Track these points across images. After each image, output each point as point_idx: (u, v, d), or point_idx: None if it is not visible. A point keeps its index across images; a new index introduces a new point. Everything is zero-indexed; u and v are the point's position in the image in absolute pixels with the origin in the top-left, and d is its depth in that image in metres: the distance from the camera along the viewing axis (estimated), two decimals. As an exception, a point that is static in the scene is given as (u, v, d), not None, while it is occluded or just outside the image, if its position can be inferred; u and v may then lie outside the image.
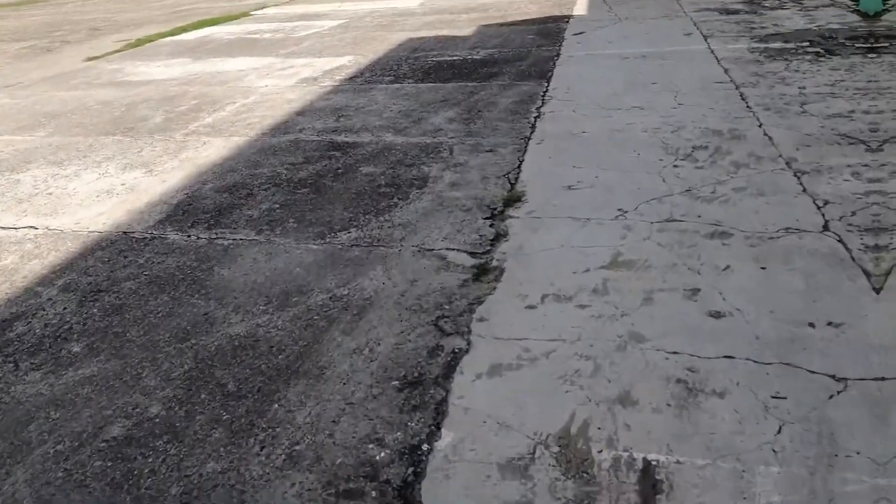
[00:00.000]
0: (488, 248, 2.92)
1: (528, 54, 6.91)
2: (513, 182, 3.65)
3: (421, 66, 6.77)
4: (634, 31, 7.56)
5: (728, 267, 2.66)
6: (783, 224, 2.98)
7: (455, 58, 7.03)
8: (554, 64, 6.36)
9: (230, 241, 3.13)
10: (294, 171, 4.00)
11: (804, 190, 3.28)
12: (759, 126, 4.01)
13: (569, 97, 5.16)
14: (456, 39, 8.14)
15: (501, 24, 8.96)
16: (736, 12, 8.18)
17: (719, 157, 3.65)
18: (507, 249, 2.90)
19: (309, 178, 3.88)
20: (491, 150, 4.19)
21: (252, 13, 12.52)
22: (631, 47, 6.74)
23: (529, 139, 4.30)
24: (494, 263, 2.79)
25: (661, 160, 3.69)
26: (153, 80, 6.97)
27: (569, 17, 9.10)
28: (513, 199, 3.43)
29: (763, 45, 6.15)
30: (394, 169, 3.97)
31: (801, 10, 7.80)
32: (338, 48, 8.11)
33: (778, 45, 6.08)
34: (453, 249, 2.92)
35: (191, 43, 9.29)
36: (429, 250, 2.92)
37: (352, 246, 3.01)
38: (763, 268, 2.65)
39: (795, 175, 3.38)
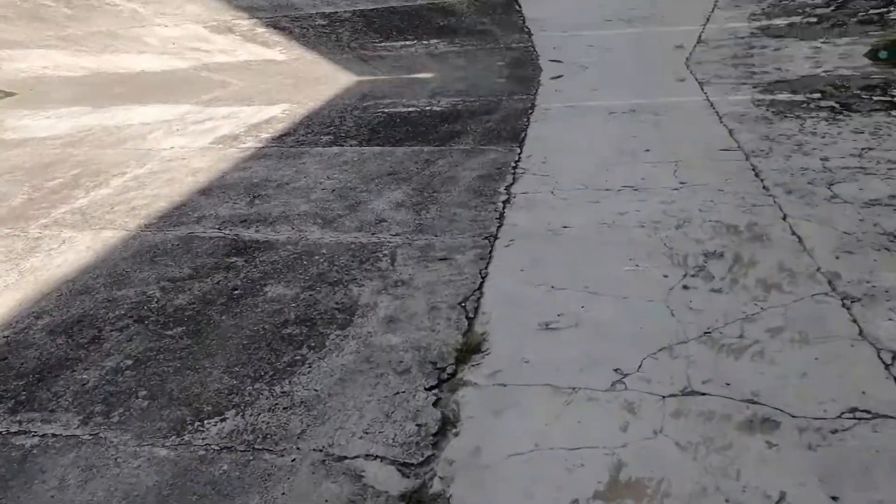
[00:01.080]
0: (428, 453, 2.19)
1: (497, 105, 6.35)
2: (471, 316, 2.96)
3: (369, 119, 6.16)
4: (619, 75, 7.08)
5: (782, 499, 1.98)
6: (846, 400, 2.34)
7: (411, 109, 6.44)
8: (528, 120, 5.79)
9: (35, 441, 2.34)
10: (171, 294, 3.25)
11: (860, 332, 2.66)
12: (784, 219, 3.52)
13: (546, 170, 4.56)
14: (414, 83, 7.59)
15: (466, 67, 8.48)
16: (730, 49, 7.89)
17: (741, 271, 3.07)
18: (455, 456, 2.18)
19: (190, 306, 3.13)
20: (445, 258, 3.51)
21: (182, 40, 11.90)
22: (618, 97, 6.23)
23: (496, 238, 3.65)
24: (435, 488, 2.06)
25: (665, 276, 3.08)
26: (32, 137, 6.20)
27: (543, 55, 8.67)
28: (470, 350, 2.73)
29: (769, 97, 5.70)
30: (312, 290, 3.25)
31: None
32: (271, 93, 7.47)
33: (785, 96, 5.69)
34: (376, 457, 2.18)
35: (98, 79, 8.57)
36: (339, 459, 2.18)
37: (222, 451, 2.24)
38: (835, 498, 1.98)
39: (844, 304, 2.79)
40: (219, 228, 3.97)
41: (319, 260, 3.56)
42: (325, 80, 7.94)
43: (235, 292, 3.24)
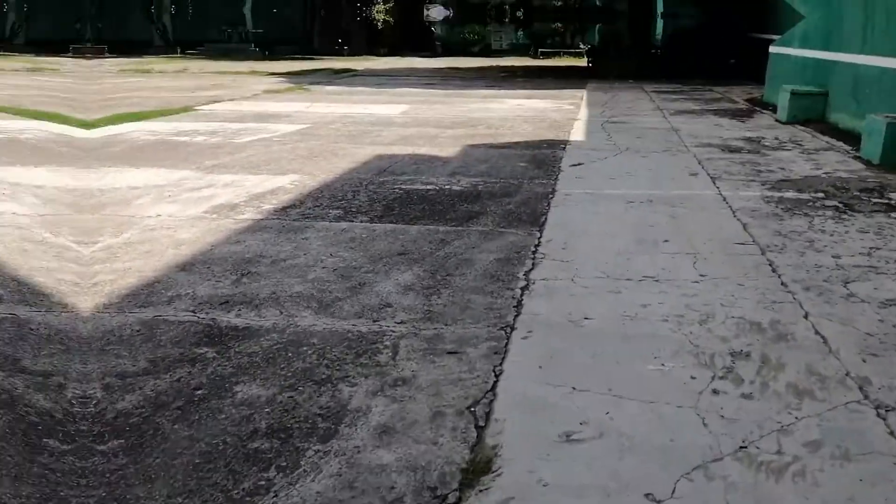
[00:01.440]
0: None
1: (518, 188, 6.07)
2: (481, 425, 2.47)
3: (384, 195, 5.79)
4: (637, 167, 7.13)
5: None
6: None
7: (429, 187, 6.08)
8: (549, 204, 5.56)
9: None
10: (116, 394, 2.69)
11: (901, 446, 2.27)
12: (805, 317, 3.45)
13: (567, 256, 4.30)
14: (435, 161, 7.31)
15: (490, 146, 8.27)
16: (738, 150, 8.08)
17: (769, 374, 2.89)
18: None
19: (136, 410, 2.56)
20: (455, 352, 3.01)
21: (198, 108, 11.98)
22: (636, 187, 6.20)
23: (513, 329, 3.26)
24: None
25: (693, 378, 2.83)
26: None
27: (566, 142, 8.57)
28: (478, 469, 2.22)
29: (777, 194, 5.92)
30: (293, 391, 2.69)
31: (802, 153, 7.89)
32: (282, 163, 7.20)
33: (792, 194, 5.96)
34: None
35: (88, 143, 8.40)
36: None
37: None
38: None
39: (879, 414, 2.61)
40: (193, 311, 3.46)
41: (307, 352, 3.02)
42: (340, 154, 7.70)
43: (197, 393, 2.68)
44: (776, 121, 10.39)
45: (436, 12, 31.64)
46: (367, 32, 33.07)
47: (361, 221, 5.02)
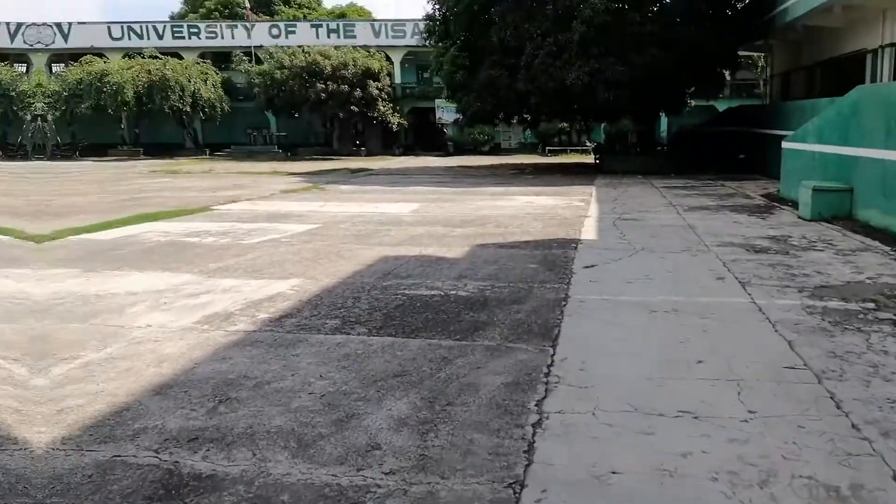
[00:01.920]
0: None
1: (528, 294, 5.50)
2: None
3: (386, 302, 5.30)
4: (656, 269, 6.44)
5: None
6: None
7: (434, 292, 5.59)
8: (562, 313, 4.93)
9: None
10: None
11: None
12: (894, 477, 2.66)
13: (585, 380, 3.64)
14: (442, 263, 6.87)
15: (500, 245, 7.83)
16: (765, 251, 7.31)
17: None
18: None
19: None
20: None
21: (214, 208, 11.83)
22: (656, 293, 5.51)
23: (523, 486, 2.60)
24: None
25: None
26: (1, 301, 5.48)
27: (577, 241, 8.06)
28: None
29: (820, 304, 5.09)
30: (251, 576, 2.08)
31: (837, 254, 7.08)
32: (286, 266, 6.80)
33: (837, 303, 5.11)
34: None
35: (100, 245, 8.12)
36: None
37: None
38: None
39: None
40: (156, 451, 2.90)
41: (275, 517, 2.42)
42: (346, 255, 7.31)
43: (132, 575, 2.09)
44: (799, 218, 9.71)
45: (447, 115, 32.46)
46: (383, 134, 33.90)
47: (359, 334, 4.50)
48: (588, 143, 31.41)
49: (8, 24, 35.83)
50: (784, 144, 12.54)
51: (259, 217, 10.61)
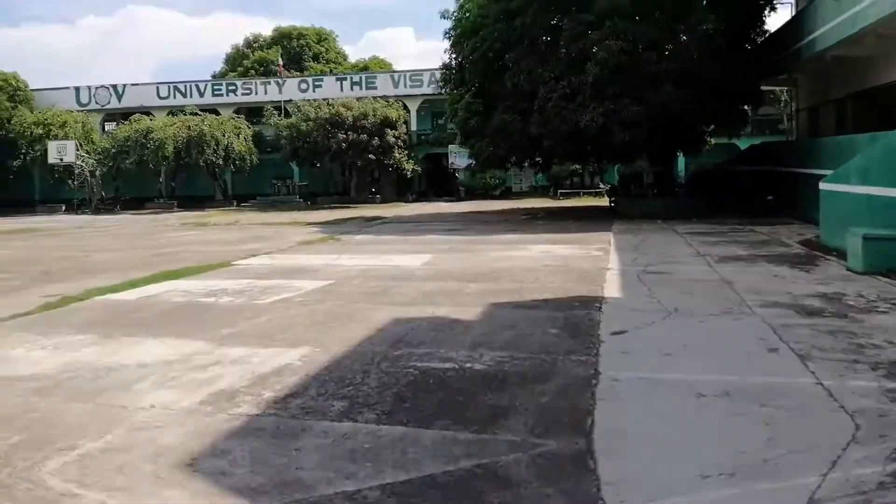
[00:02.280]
0: None
1: (552, 368, 4.88)
2: None
3: (397, 378, 4.79)
4: (694, 336, 5.65)
5: None
6: None
7: (448, 365, 5.07)
8: (593, 396, 4.22)
9: None
10: None
11: None
12: None
13: (636, 500, 2.90)
14: (455, 326, 6.36)
15: (517, 305, 7.29)
16: (818, 313, 6.28)
17: None
18: None
19: None
20: None
21: (235, 263, 11.49)
22: (701, 369, 4.72)
23: None
24: None
25: None
26: (5, 377, 5.05)
27: (600, 299, 7.38)
28: None
29: None
30: None
31: None
32: (298, 331, 6.33)
33: None
34: None
35: (122, 307, 7.73)
36: None
37: None
38: None
39: None
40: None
41: None
42: (357, 317, 6.83)
43: None
44: (848, 270, 8.37)
45: (460, 160, 32.39)
46: (398, 180, 33.83)
47: (367, 421, 3.98)
48: (601, 185, 30.60)
49: (77, 88, 36.84)
50: (822, 186, 10.96)
51: (275, 272, 10.22)
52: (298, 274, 10.00)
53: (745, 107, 19.37)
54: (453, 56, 20.51)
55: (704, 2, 16.76)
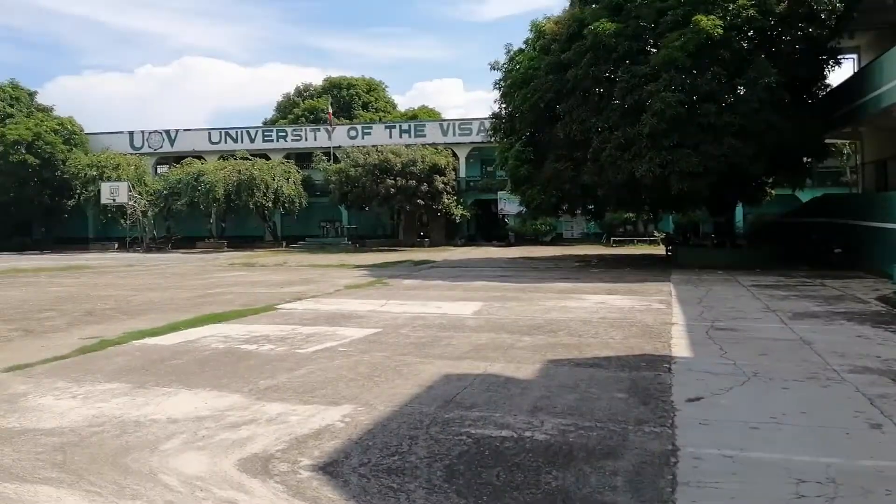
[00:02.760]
0: None
1: (622, 441, 4.28)
2: None
3: (448, 447, 4.27)
4: (782, 406, 4.99)
5: None
6: None
7: (505, 433, 4.52)
8: (673, 479, 3.64)
9: None
10: None
11: None
12: None
13: None
14: (511, 386, 5.81)
15: (576, 363, 6.69)
16: None
17: None
18: None
19: None
20: None
21: (279, 307, 11.32)
22: (796, 447, 4.10)
23: None
24: None
25: None
26: (30, 429, 4.80)
27: (669, 358, 6.73)
28: None
29: None
30: None
31: None
32: (340, 385, 5.93)
33: None
34: None
35: (160, 352, 7.53)
36: None
37: None
38: None
39: None
40: None
41: None
42: (405, 371, 6.39)
43: None
44: None
45: (509, 206, 32.17)
46: (446, 225, 33.78)
47: (414, 500, 3.48)
48: (656, 234, 29.85)
49: (131, 132, 39.08)
50: None
51: (320, 318, 9.94)
52: (344, 320, 9.68)
53: (808, 160, 18.66)
54: (503, 106, 20.69)
55: (763, 55, 16.32)
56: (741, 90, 16.19)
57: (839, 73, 27.31)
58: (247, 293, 13.64)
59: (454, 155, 34.66)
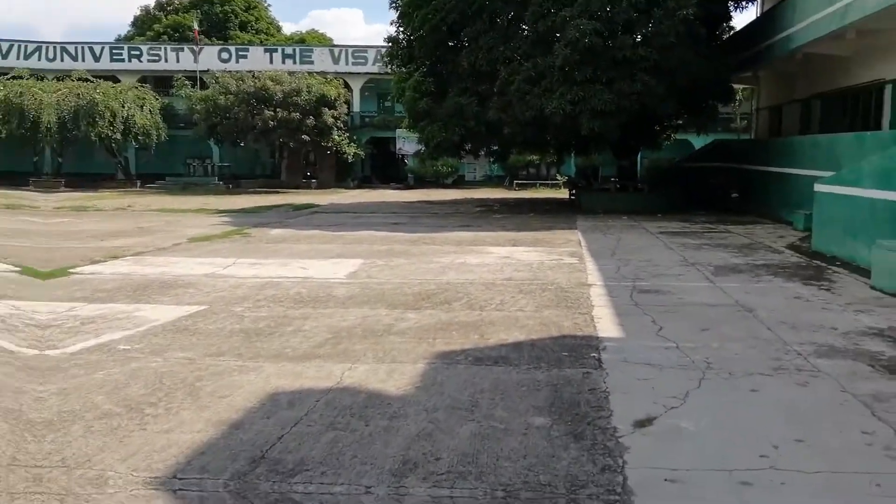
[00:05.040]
0: None
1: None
2: None
3: None
4: (762, 423, 3.58)
5: None
6: None
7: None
8: None
9: None
10: None
11: None
12: None
13: None
14: (373, 411, 3.71)
15: (476, 357, 4.71)
16: None
17: None
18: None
19: None
20: None
21: (76, 270, 8.39)
22: None
23: None
24: None
25: None
26: None
27: (594, 341, 5.12)
28: None
29: None
30: None
31: None
32: (77, 427, 3.52)
33: None
34: None
35: None
36: None
37: None
38: None
39: None
40: None
41: None
42: (211, 388, 4.06)
43: None
44: (874, 289, 6.95)
45: (408, 146, 29.71)
46: (337, 164, 30.77)
47: None
48: (559, 177, 29.00)
49: None
50: (819, 188, 10.04)
51: (123, 289, 7.25)
52: (158, 293, 7.08)
53: (717, 103, 18.30)
54: (401, 29, 17.92)
55: None
56: (659, 22, 14.87)
57: (741, 18, 27.47)
58: (46, 247, 10.46)
59: (347, 86, 31.23)
